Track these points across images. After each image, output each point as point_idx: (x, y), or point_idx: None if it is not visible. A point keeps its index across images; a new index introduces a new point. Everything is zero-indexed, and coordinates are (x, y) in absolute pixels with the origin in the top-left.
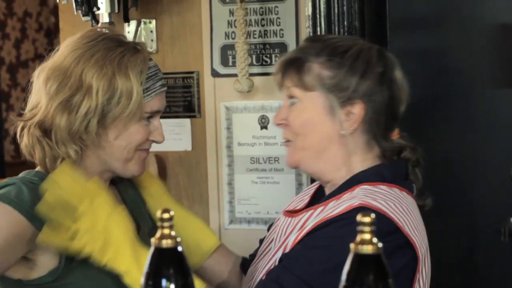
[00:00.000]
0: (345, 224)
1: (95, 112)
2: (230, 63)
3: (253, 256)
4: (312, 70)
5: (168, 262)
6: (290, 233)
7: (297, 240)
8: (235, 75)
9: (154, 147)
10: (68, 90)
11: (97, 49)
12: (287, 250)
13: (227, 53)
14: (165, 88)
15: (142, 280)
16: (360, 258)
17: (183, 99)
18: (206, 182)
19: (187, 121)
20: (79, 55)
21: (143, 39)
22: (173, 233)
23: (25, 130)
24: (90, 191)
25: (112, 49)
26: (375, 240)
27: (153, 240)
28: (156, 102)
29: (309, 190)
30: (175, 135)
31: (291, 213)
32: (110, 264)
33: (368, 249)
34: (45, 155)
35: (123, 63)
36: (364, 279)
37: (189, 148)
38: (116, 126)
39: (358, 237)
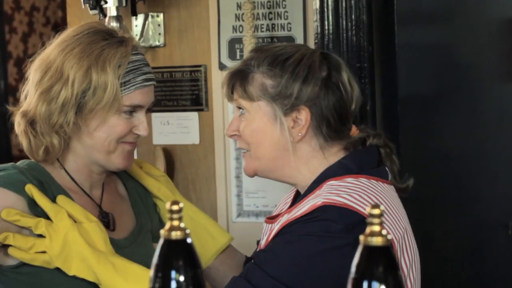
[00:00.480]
0: (309, 222)
1: (72, 103)
2: (238, 57)
3: (250, 258)
4: (255, 80)
5: (178, 254)
6: (267, 238)
7: (267, 242)
8: None
9: (162, 141)
10: (49, 80)
11: (80, 42)
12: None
13: (234, 46)
14: (149, 83)
15: (151, 272)
16: (369, 250)
17: (190, 93)
18: (214, 176)
19: (194, 115)
20: (64, 47)
21: (150, 33)
22: (182, 225)
23: (15, 120)
24: (51, 211)
25: (95, 42)
26: (384, 232)
27: (162, 232)
28: (137, 96)
29: (291, 193)
30: (182, 128)
31: (271, 219)
32: (79, 276)
33: (377, 241)
34: (30, 145)
35: (102, 56)
36: (374, 271)
37: (197, 142)
38: (95, 118)
39: (368, 229)
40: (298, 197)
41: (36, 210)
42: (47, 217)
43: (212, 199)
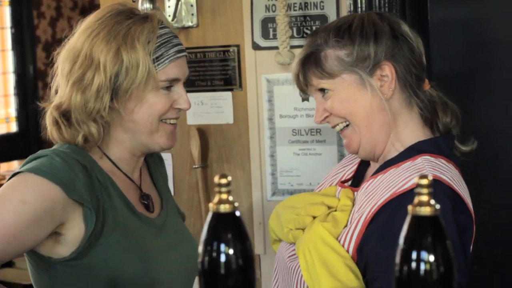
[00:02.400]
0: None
1: (107, 87)
2: (271, 36)
3: None
4: (329, 56)
5: (227, 227)
6: (354, 208)
7: (370, 218)
8: (276, 48)
9: (196, 121)
10: (79, 68)
11: (105, 25)
12: (356, 231)
13: (267, 25)
14: (182, 54)
15: (200, 246)
16: (418, 220)
17: (224, 73)
18: (248, 155)
19: (228, 94)
20: (89, 34)
21: (183, 14)
22: (230, 198)
23: (47, 113)
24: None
25: (120, 23)
26: (432, 202)
27: (211, 205)
28: (172, 69)
29: (349, 161)
30: (217, 108)
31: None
32: None
33: (426, 211)
34: (63, 135)
35: (129, 35)
36: (423, 241)
37: (231, 121)
38: (132, 99)
39: (416, 199)
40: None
41: (75, 197)
42: (83, 205)
43: (246, 178)
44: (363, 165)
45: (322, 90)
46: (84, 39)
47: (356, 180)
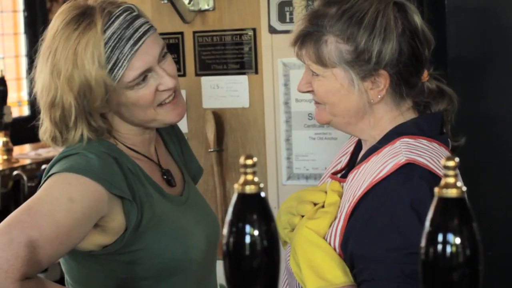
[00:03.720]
0: (399, 183)
1: (78, 111)
2: (288, 20)
3: None
4: (329, 44)
5: (252, 208)
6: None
7: (349, 211)
8: None
9: (212, 104)
10: (48, 95)
11: (57, 44)
12: (340, 226)
13: (284, 9)
14: (140, 42)
15: (225, 228)
16: (444, 202)
17: (240, 56)
18: (264, 139)
19: (244, 78)
20: (47, 57)
21: None
22: (256, 179)
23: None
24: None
25: (68, 39)
26: (459, 183)
27: (236, 186)
28: (136, 65)
29: (348, 147)
30: (232, 91)
31: (336, 174)
32: None
33: (452, 192)
34: (54, 135)
35: (78, 54)
36: (449, 223)
37: (247, 105)
38: (112, 107)
39: (442, 181)
40: (356, 150)
41: (116, 191)
42: (122, 197)
43: (262, 162)
44: (357, 149)
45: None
46: (44, 63)
47: (351, 167)
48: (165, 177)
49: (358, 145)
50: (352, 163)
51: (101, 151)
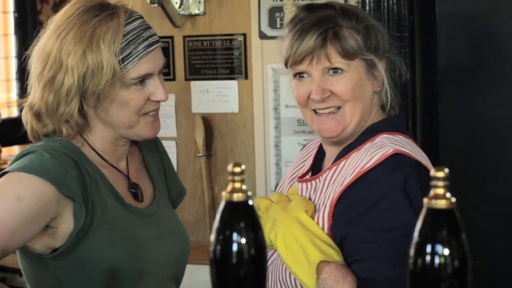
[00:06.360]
0: (389, 170)
1: (76, 90)
2: (278, 25)
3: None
4: (348, 38)
5: (240, 216)
6: (318, 195)
7: (336, 197)
8: None
9: (201, 109)
10: (50, 71)
11: (73, 24)
12: (326, 212)
13: (275, 15)
14: (153, 48)
15: (212, 235)
16: (433, 213)
17: (230, 61)
18: (253, 144)
19: (234, 83)
20: (58, 34)
21: (190, 1)
22: (244, 187)
23: (23, 111)
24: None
25: (86, 22)
26: (448, 194)
27: (224, 194)
28: (143, 65)
29: (311, 149)
30: (222, 96)
31: (302, 178)
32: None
33: (441, 203)
34: (38, 134)
35: (95, 37)
36: (438, 234)
37: (236, 110)
38: (102, 99)
39: (432, 192)
40: (318, 156)
41: (67, 192)
42: (74, 199)
43: (250, 168)
44: (319, 158)
45: (334, 69)
46: (54, 40)
47: (315, 172)
48: (132, 190)
49: (320, 149)
50: (317, 166)
51: (60, 151)
